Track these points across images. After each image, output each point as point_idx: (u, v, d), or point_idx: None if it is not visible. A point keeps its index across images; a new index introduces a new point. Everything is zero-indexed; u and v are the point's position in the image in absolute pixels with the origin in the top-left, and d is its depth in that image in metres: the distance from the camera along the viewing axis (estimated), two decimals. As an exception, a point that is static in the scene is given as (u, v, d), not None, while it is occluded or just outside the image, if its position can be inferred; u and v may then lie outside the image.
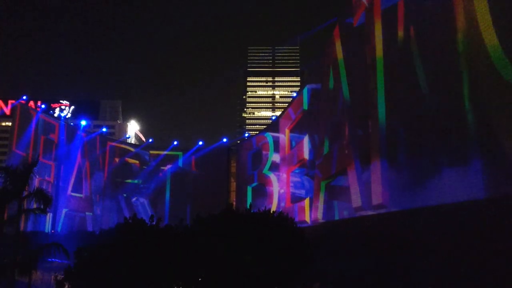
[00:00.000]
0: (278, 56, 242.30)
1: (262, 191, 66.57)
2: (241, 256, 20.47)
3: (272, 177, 63.39)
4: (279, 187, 61.72)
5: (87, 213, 72.82)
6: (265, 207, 25.95)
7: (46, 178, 63.35)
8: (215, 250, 20.79)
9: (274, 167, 63.22)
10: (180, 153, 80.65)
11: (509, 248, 17.67)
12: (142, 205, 78.90)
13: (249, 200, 65.81)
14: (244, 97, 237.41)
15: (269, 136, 66.79)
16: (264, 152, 67.10)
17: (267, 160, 65.44)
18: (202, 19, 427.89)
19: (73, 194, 70.68)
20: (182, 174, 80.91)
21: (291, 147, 58.41)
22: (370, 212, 32.67)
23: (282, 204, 58.09)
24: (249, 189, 70.26)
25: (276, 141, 64.19)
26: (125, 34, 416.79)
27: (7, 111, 78.55)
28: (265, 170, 65.16)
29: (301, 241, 22.97)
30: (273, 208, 55.86)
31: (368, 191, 34.06)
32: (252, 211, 24.33)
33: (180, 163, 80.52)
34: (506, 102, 20.01)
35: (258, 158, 69.05)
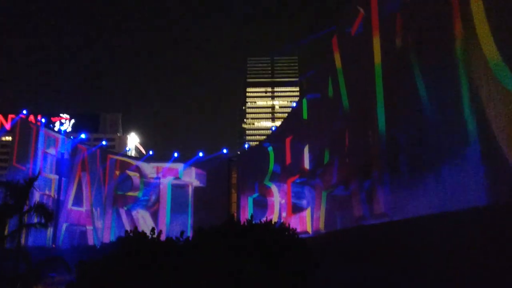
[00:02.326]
0: (277, 66, 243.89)
1: (263, 202, 66.46)
2: (243, 267, 20.37)
3: (273, 187, 63.32)
4: (280, 198, 61.60)
5: (88, 226, 72.62)
6: (266, 218, 25.90)
7: (47, 192, 63.29)
8: (216, 262, 20.70)
9: (275, 177, 63.14)
10: (180, 165, 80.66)
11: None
12: (143, 218, 78.75)
13: (250, 211, 65.67)
14: (243, 107, 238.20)
15: (269, 146, 66.82)
16: (264, 163, 67.07)
17: (267, 171, 65.40)
18: (202, 31, 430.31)
19: (74, 208, 70.57)
20: (182, 186, 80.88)
21: (291, 157, 58.37)
22: (372, 222, 32.56)
23: (284, 215, 57.95)
24: (250, 200, 70.18)
25: (276, 152, 64.20)
26: (124, 47, 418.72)
27: (8, 126, 78.64)
28: (266, 181, 65.07)
29: (302, 252, 22.87)
30: (275, 218, 55.70)
31: (370, 200, 33.97)
32: (253, 222, 24.25)
33: (180, 175, 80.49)
34: (506, 109, 20.05)
35: (258, 169, 68.97)
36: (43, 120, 69.44)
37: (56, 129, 76.94)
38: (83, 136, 75.84)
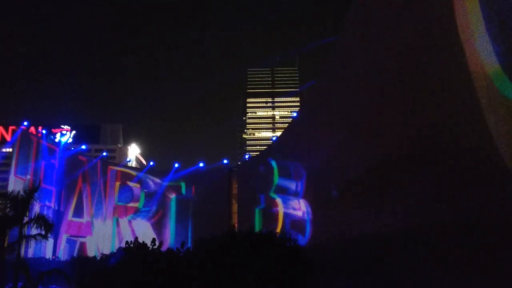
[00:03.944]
0: (277, 77, 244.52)
1: (270, 213, 65.57)
2: (243, 276, 20.28)
3: (278, 200, 62.47)
4: (284, 209, 60.95)
5: (88, 237, 72.40)
6: (267, 228, 25.86)
7: (47, 203, 63.12)
8: (217, 271, 20.61)
9: (278, 189, 62.42)
10: (182, 183, 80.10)
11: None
12: (144, 229, 78.49)
13: (257, 222, 64.85)
14: (244, 118, 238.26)
15: (273, 161, 65.83)
16: (269, 175, 66.03)
17: (272, 183, 64.40)
18: (202, 42, 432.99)
19: (74, 219, 70.38)
20: (183, 196, 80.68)
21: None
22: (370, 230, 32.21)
23: (287, 226, 57.44)
24: (257, 211, 68.60)
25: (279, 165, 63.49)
26: (125, 59, 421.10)
27: (8, 137, 78.83)
28: (271, 193, 64.25)
29: (301, 261, 22.81)
30: (279, 229, 55.07)
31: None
32: (253, 232, 24.20)
33: (183, 191, 80.00)
34: (503, 116, 20.03)
35: (263, 180, 68.01)
36: (44, 131, 69.60)
37: (57, 140, 77.01)
38: (83, 147, 76.04)
